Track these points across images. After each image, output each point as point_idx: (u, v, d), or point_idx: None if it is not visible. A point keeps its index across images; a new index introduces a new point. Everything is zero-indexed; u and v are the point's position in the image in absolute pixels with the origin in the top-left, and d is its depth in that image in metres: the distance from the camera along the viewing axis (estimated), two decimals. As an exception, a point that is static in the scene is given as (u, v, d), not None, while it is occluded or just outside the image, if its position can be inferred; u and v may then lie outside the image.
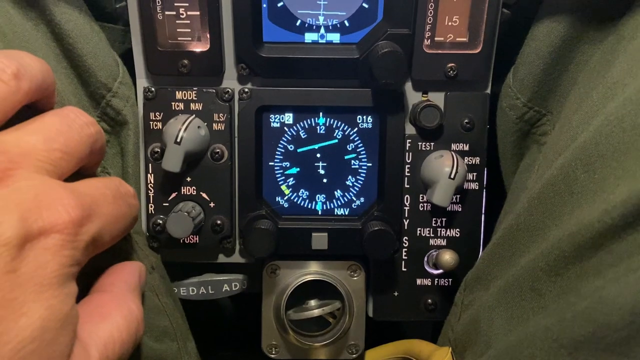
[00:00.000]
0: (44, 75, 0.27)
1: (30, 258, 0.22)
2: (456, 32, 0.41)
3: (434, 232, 0.44)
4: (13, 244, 0.22)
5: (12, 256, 0.22)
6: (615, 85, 0.31)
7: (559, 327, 0.27)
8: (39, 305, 0.22)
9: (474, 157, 0.43)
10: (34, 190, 0.23)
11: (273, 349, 0.46)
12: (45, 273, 0.23)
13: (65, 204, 0.24)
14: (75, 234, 0.24)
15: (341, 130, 0.43)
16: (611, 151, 0.28)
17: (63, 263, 0.23)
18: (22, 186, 0.23)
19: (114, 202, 0.27)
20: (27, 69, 0.25)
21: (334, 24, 0.41)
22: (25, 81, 0.25)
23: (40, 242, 0.23)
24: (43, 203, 0.23)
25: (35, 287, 0.22)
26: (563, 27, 0.38)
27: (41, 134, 0.25)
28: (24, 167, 0.24)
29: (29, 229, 0.22)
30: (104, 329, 0.27)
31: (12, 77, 0.24)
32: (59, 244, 0.23)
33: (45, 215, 0.23)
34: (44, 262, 0.23)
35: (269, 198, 0.44)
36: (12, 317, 0.22)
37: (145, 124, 0.42)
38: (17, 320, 0.22)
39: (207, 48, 0.40)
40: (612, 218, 0.26)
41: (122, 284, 0.30)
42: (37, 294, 0.22)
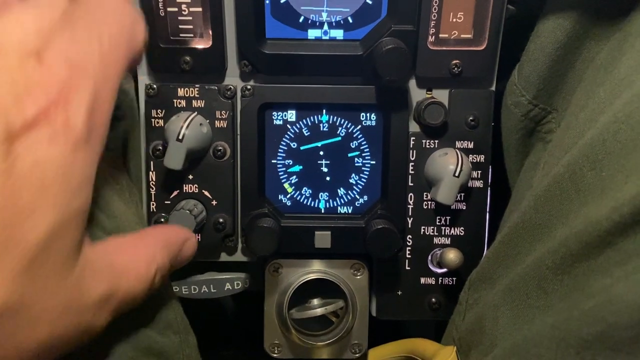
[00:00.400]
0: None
1: (24, 154, 0.21)
2: (461, 29, 0.40)
3: (438, 231, 0.44)
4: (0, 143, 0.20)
5: (3, 156, 0.20)
6: (622, 82, 0.31)
7: (566, 325, 0.27)
8: (46, 204, 0.21)
9: (479, 154, 0.43)
10: (9, 79, 0.21)
11: (275, 348, 0.46)
12: (45, 168, 0.21)
13: (41, 85, 0.22)
14: (65, 117, 0.22)
15: (344, 128, 0.43)
16: (619, 148, 0.28)
17: (63, 152, 0.22)
18: (3, 73, 0.21)
19: (97, 44, 0.24)
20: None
21: (338, 21, 0.41)
22: None
23: (30, 136, 0.21)
24: (20, 90, 0.21)
25: (37, 185, 0.21)
26: (569, 24, 0.38)
27: (14, 15, 0.22)
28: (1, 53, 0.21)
29: (11, 126, 0.21)
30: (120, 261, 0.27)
31: None
32: (49, 132, 0.21)
33: (27, 107, 0.21)
34: (41, 156, 0.21)
35: (272, 196, 0.44)
36: (18, 219, 0.21)
37: (147, 121, 0.41)
38: (25, 221, 0.21)
39: (210, 45, 0.40)
40: (620, 216, 0.26)
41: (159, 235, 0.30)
42: (41, 192, 0.21)
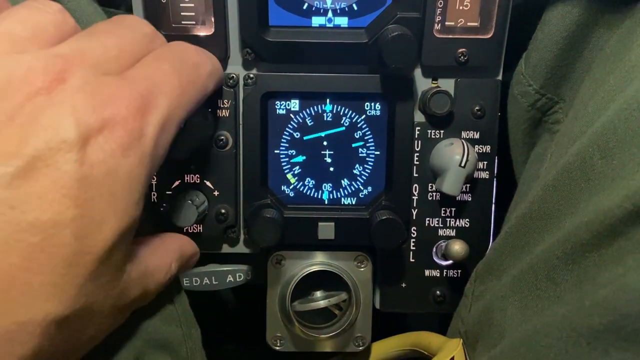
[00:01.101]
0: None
1: (99, 162, 0.22)
2: (467, 17, 0.40)
3: (443, 222, 0.43)
4: (76, 148, 0.21)
5: (80, 162, 0.21)
6: (633, 69, 0.31)
7: (577, 316, 0.26)
8: (112, 218, 0.22)
9: (485, 145, 0.42)
10: (89, 89, 0.22)
11: (278, 341, 0.45)
12: (117, 178, 0.22)
13: (123, 96, 0.23)
14: (139, 126, 0.23)
15: (349, 118, 0.42)
16: (630, 136, 0.27)
17: (133, 163, 0.23)
18: (78, 86, 0.22)
19: (176, 73, 0.26)
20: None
21: (342, 8, 0.40)
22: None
23: (103, 141, 0.22)
24: (98, 101, 0.22)
25: (109, 196, 0.22)
26: (578, 11, 0.37)
27: (99, 38, 0.24)
28: (80, 68, 0.23)
29: (87, 130, 0.21)
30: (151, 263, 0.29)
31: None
32: (125, 141, 0.22)
33: (104, 113, 0.22)
34: (114, 165, 0.22)
35: (274, 187, 0.43)
36: (90, 230, 0.22)
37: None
38: (95, 233, 0.22)
39: (212, 32, 0.39)
40: (633, 204, 0.25)
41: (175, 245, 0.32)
42: (111, 203, 0.22)
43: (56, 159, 0.21)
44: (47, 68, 0.22)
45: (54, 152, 0.21)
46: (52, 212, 0.21)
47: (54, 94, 0.22)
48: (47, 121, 0.21)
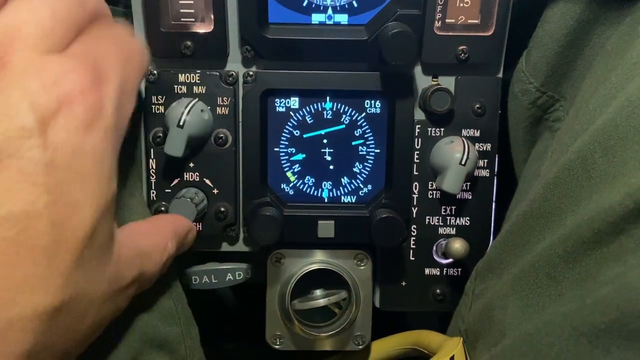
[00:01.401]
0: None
1: (62, 143, 0.21)
2: (468, 14, 0.39)
3: (443, 221, 0.43)
4: (36, 133, 0.20)
5: (42, 146, 0.20)
6: (635, 66, 0.30)
7: (578, 314, 0.26)
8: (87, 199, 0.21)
9: (485, 143, 0.42)
10: (35, 69, 0.21)
11: (277, 340, 0.45)
12: (84, 157, 0.21)
13: (72, 69, 0.22)
14: (97, 99, 0.22)
15: (348, 116, 0.42)
16: (632, 133, 0.27)
17: (97, 139, 0.22)
18: (23, 68, 0.21)
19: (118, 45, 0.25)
20: None
21: (342, 5, 0.40)
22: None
23: (65, 121, 0.21)
24: (48, 79, 0.21)
25: (78, 178, 0.21)
26: (579, 9, 0.37)
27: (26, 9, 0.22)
28: (20, 48, 0.22)
29: (43, 110, 0.20)
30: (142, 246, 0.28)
31: None
32: (86, 117, 0.21)
33: (57, 90, 0.21)
34: (78, 143, 0.21)
35: (274, 185, 0.43)
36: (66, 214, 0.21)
37: (147, 108, 0.41)
38: (72, 217, 0.21)
39: (211, 29, 0.39)
40: (634, 202, 0.25)
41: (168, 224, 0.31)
42: (82, 185, 0.21)
43: (17, 147, 0.20)
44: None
45: (14, 140, 0.20)
46: (23, 202, 0.20)
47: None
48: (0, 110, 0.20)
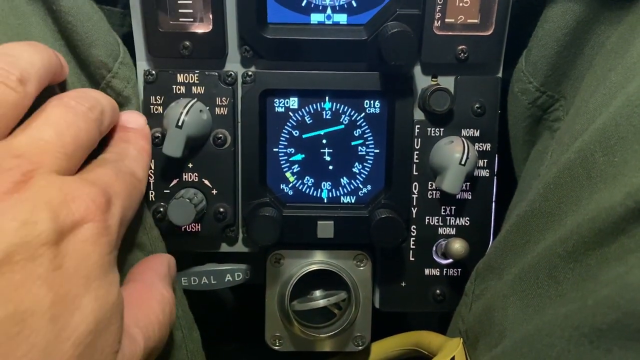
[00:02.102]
0: (48, 65, 0.27)
1: (72, 252, 0.23)
2: (467, 14, 0.39)
3: (442, 221, 0.43)
4: (51, 241, 0.22)
5: (54, 253, 0.22)
6: (635, 66, 0.31)
7: (579, 315, 0.26)
8: (89, 297, 0.23)
9: (485, 143, 0.42)
10: (56, 187, 0.24)
11: (277, 341, 0.45)
12: (89, 264, 0.24)
13: (88, 193, 0.25)
14: (105, 219, 0.25)
15: (348, 116, 0.42)
16: (632, 132, 0.27)
17: (103, 251, 0.24)
18: (45, 185, 0.24)
19: (122, 179, 0.28)
20: (31, 68, 0.26)
21: (341, 4, 0.40)
22: (31, 83, 0.26)
23: (77, 235, 0.24)
24: (68, 197, 0.24)
25: (83, 280, 0.23)
26: (578, 8, 0.37)
27: (51, 129, 0.26)
28: (42, 166, 0.24)
29: (62, 224, 0.23)
30: (142, 315, 0.28)
31: (17, 83, 0.25)
32: (95, 233, 0.24)
33: (74, 208, 0.24)
34: (86, 253, 0.24)
35: (273, 185, 0.43)
36: (68, 312, 0.22)
37: (145, 108, 0.41)
38: (73, 315, 0.23)
39: (210, 29, 0.39)
40: (635, 202, 0.25)
41: (151, 272, 0.31)
42: (86, 286, 0.23)
43: (33, 251, 0.22)
44: (12, 170, 0.23)
45: (31, 244, 0.22)
46: (30, 301, 0.21)
47: (22, 192, 0.23)
48: (23, 216, 0.22)
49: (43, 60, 0.27)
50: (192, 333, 0.39)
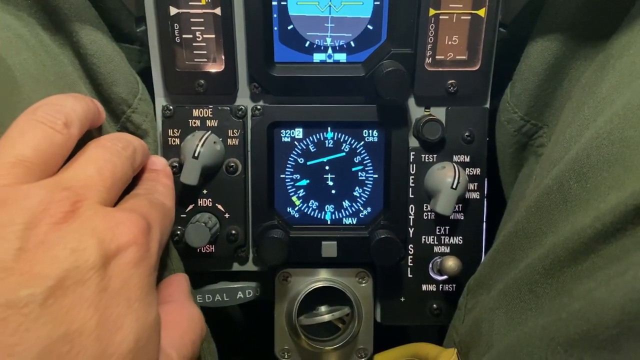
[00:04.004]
0: (88, 112, 0.31)
1: (116, 274, 0.25)
2: (456, 51, 0.43)
3: (438, 240, 0.46)
4: (98, 265, 0.24)
5: (101, 276, 0.24)
6: (604, 101, 0.33)
7: (555, 326, 0.28)
8: (131, 318, 0.25)
9: (475, 168, 0.45)
10: (101, 216, 0.26)
11: (285, 354, 0.47)
12: (131, 286, 0.26)
13: (130, 219, 0.27)
14: (146, 243, 0.27)
15: (348, 144, 0.45)
16: (601, 162, 0.30)
17: (144, 273, 0.26)
18: (91, 214, 0.26)
19: (155, 208, 0.31)
20: (74, 114, 0.29)
21: (341, 45, 0.43)
22: (74, 127, 0.29)
23: (121, 258, 0.26)
24: (112, 224, 0.26)
25: (125, 301, 0.25)
26: (556, 46, 0.40)
27: (92, 166, 0.28)
28: (88, 197, 0.27)
29: (107, 249, 0.25)
30: (177, 335, 0.30)
31: (63, 126, 0.28)
32: (137, 257, 0.26)
33: (118, 234, 0.26)
34: (128, 276, 0.26)
35: (281, 209, 0.46)
36: (112, 332, 0.24)
37: (164, 140, 0.44)
38: (116, 334, 0.24)
39: (222, 69, 0.43)
40: (602, 224, 0.28)
41: (179, 293, 0.33)
42: (128, 307, 0.25)
43: (82, 275, 0.24)
44: (61, 202, 0.25)
45: (81, 269, 0.24)
46: (79, 322, 0.24)
47: (71, 222, 0.25)
48: (73, 245, 0.24)
49: (83, 107, 0.31)
50: (210, 345, 0.41)
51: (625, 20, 0.36)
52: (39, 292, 0.23)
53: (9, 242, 0.23)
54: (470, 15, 0.42)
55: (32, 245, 0.24)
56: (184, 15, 0.41)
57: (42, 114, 0.28)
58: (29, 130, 0.27)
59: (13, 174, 0.25)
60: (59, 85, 0.37)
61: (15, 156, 0.26)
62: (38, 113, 0.28)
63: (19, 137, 0.27)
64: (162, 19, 0.41)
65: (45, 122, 0.28)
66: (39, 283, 0.23)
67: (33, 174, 0.26)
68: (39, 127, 0.27)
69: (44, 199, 0.25)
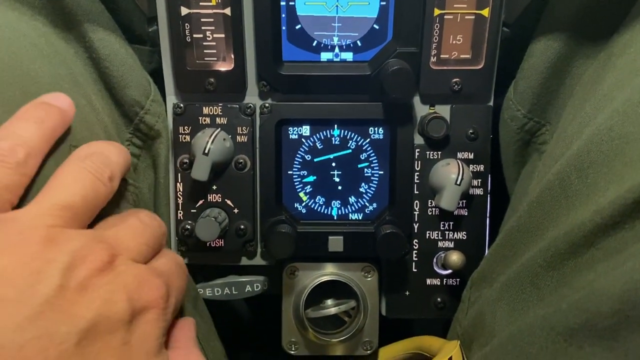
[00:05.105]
0: (127, 166, 0.32)
1: (138, 331, 0.27)
2: (460, 50, 0.44)
3: (442, 235, 0.47)
4: (126, 319, 0.26)
5: (126, 330, 0.26)
6: (605, 98, 0.34)
7: (555, 316, 0.29)
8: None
9: (479, 164, 0.46)
10: (132, 274, 0.28)
11: (293, 346, 0.48)
12: (148, 343, 0.27)
13: (155, 283, 0.29)
14: (165, 307, 0.29)
15: (354, 141, 0.46)
16: (601, 158, 0.31)
17: (159, 333, 0.28)
18: (124, 270, 0.28)
19: (179, 274, 0.33)
20: (117, 168, 0.31)
21: (348, 44, 0.44)
22: (116, 181, 0.31)
23: (143, 317, 0.27)
24: (140, 284, 0.28)
25: (144, 356, 0.27)
26: (558, 45, 0.41)
27: (130, 231, 0.30)
28: (123, 255, 0.28)
29: (135, 306, 0.27)
30: None
31: (108, 180, 0.30)
32: (156, 317, 0.28)
33: (144, 294, 0.28)
34: (147, 333, 0.27)
35: (288, 204, 0.47)
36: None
37: (174, 137, 0.45)
38: None
39: (232, 67, 0.44)
40: (602, 217, 0.28)
41: (186, 340, 0.34)
42: (147, 356, 0.27)
43: (111, 326, 0.26)
44: (101, 252, 0.27)
45: (110, 321, 0.26)
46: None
47: (106, 273, 0.27)
48: (106, 295, 0.26)
49: (124, 160, 0.32)
50: (211, 344, 0.42)
51: (626, 19, 0.37)
52: (75, 332, 0.24)
53: (52, 277, 0.24)
54: (474, 15, 0.42)
55: (71, 286, 0.25)
56: (194, 15, 0.43)
57: (91, 163, 0.29)
58: (81, 178, 0.29)
59: (62, 216, 0.27)
60: (73, 93, 0.37)
61: (65, 201, 0.27)
62: (87, 162, 0.29)
63: (72, 184, 0.28)
64: (174, 19, 0.42)
65: (94, 173, 0.29)
66: (76, 323, 0.24)
67: (77, 219, 0.28)
68: (88, 177, 0.29)
69: (86, 245, 0.27)
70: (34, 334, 0.23)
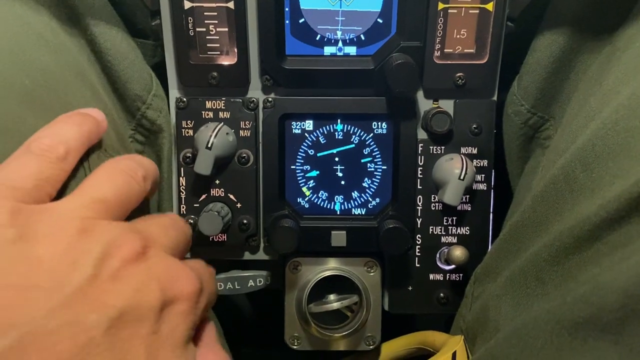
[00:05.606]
0: (156, 172, 0.34)
1: (167, 321, 0.27)
2: (464, 44, 0.43)
3: (445, 230, 0.47)
4: (157, 309, 0.26)
5: (155, 319, 0.26)
6: (610, 92, 0.34)
7: (560, 310, 0.29)
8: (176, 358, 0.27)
9: (482, 159, 0.46)
10: (164, 265, 0.28)
11: (295, 341, 0.48)
12: (177, 334, 0.28)
13: (189, 276, 0.29)
14: (196, 302, 0.29)
15: (358, 136, 0.46)
16: (607, 152, 0.31)
17: (188, 326, 0.28)
18: (157, 261, 0.28)
19: (212, 278, 0.34)
20: (149, 171, 0.32)
21: (351, 38, 0.44)
22: (149, 181, 0.32)
23: (174, 308, 0.28)
24: (173, 276, 0.28)
25: (171, 347, 0.27)
26: (563, 39, 0.41)
27: (162, 226, 0.32)
28: (155, 246, 0.29)
29: (166, 296, 0.27)
30: None
31: (142, 179, 0.31)
32: (187, 310, 0.28)
33: (177, 286, 0.28)
34: (176, 325, 0.28)
35: (291, 199, 0.47)
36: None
37: (177, 132, 0.45)
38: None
39: (235, 61, 0.44)
40: (607, 212, 0.28)
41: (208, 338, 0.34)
42: (172, 353, 0.27)
43: (142, 314, 0.26)
44: (134, 242, 0.28)
45: (140, 309, 0.26)
46: (130, 356, 0.25)
47: (138, 262, 0.27)
48: (137, 285, 0.26)
49: (154, 167, 0.34)
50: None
51: (631, 14, 0.37)
52: (105, 320, 0.24)
53: (85, 267, 0.25)
54: (478, 9, 0.42)
55: (104, 275, 0.26)
56: (198, 9, 0.42)
57: (125, 164, 0.32)
58: (114, 176, 0.30)
59: (95, 209, 0.28)
60: (80, 86, 0.38)
61: (99, 195, 0.29)
62: (122, 163, 0.32)
63: (106, 181, 0.30)
64: (177, 12, 0.42)
65: (128, 172, 0.31)
66: (105, 311, 0.25)
67: (110, 213, 0.29)
68: (122, 175, 0.31)
69: (119, 236, 0.27)
70: (64, 320, 0.24)
